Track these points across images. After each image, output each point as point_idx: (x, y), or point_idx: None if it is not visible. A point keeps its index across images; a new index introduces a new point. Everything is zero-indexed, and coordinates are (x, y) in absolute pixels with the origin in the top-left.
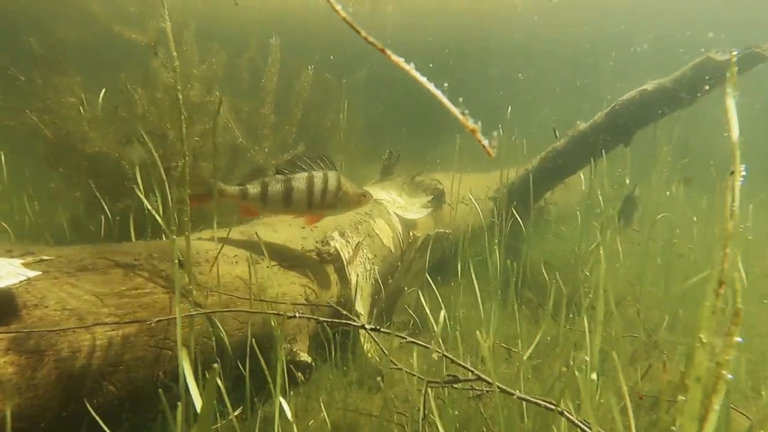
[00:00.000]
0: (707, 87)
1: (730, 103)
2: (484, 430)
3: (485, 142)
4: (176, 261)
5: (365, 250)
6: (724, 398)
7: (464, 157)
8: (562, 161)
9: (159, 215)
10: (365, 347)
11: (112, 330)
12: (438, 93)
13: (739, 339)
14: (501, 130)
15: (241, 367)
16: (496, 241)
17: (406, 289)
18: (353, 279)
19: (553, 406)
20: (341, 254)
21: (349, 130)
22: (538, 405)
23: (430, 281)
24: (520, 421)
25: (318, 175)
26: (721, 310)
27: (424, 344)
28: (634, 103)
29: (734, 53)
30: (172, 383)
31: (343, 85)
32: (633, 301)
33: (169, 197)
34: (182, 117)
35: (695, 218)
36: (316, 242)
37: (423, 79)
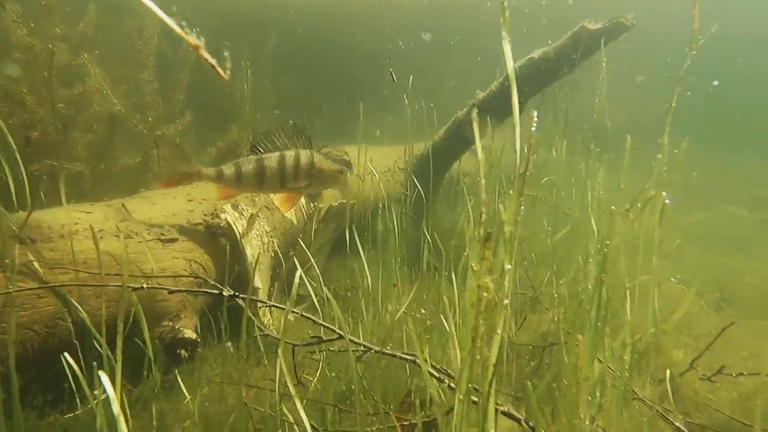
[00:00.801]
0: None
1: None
2: (351, 386)
3: (213, 62)
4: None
5: (262, 223)
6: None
7: (388, 133)
8: (464, 131)
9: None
10: (264, 321)
11: None
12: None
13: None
14: (406, 99)
15: (108, 348)
16: (403, 211)
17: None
18: (248, 253)
19: (410, 357)
20: (234, 227)
21: (259, 102)
22: (395, 356)
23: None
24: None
25: (291, 154)
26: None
27: (312, 318)
28: (522, 70)
29: (605, 23)
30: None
31: (244, 52)
32: (522, 260)
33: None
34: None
35: (573, 180)
36: (205, 215)
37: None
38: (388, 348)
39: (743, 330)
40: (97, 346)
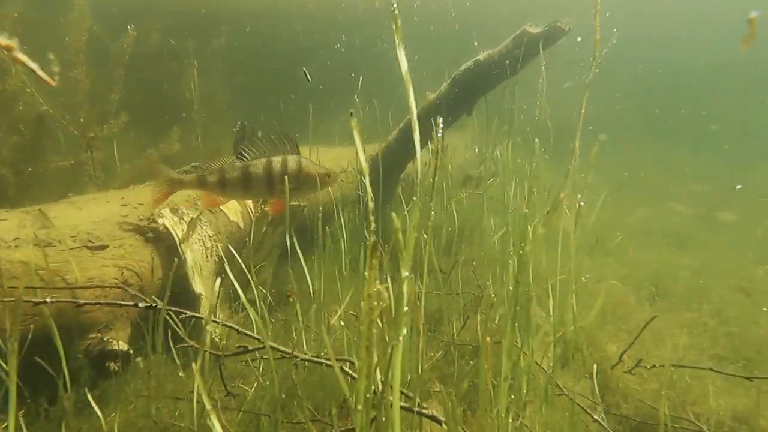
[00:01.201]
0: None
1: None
2: (290, 393)
3: (34, 66)
4: None
5: (205, 227)
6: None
7: (342, 134)
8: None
9: None
10: (209, 329)
11: None
12: None
13: (406, 274)
14: (356, 99)
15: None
16: (356, 212)
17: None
18: (189, 258)
19: (324, 361)
20: (173, 232)
21: (209, 102)
22: (320, 363)
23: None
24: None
25: (277, 159)
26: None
27: (235, 327)
28: (470, 72)
29: (545, 27)
30: None
31: (190, 51)
32: (469, 260)
33: None
34: None
35: (516, 179)
36: (141, 220)
37: None
38: (323, 353)
39: (671, 322)
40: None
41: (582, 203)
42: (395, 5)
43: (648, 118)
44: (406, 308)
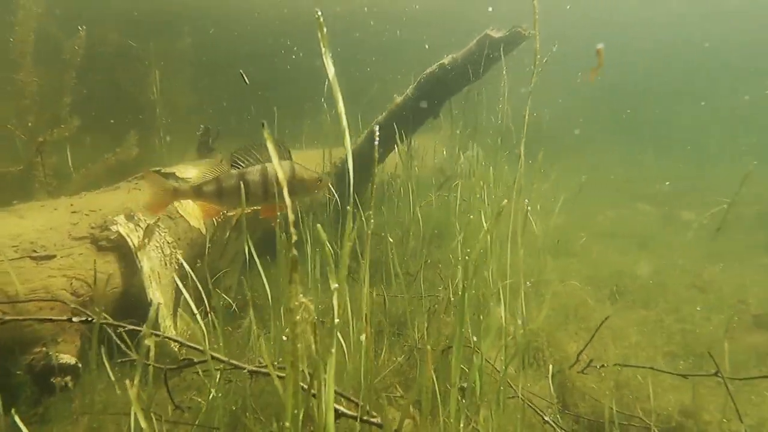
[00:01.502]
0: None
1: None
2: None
3: None
4: None
5: (163, 234)
6: None
7: (329, 136)
8: (384, 134)
9: None
10: (168, 334)
11: None
12: None
13: (335, 285)
14: (324, 103)
15: None
16: (326, 214)
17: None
18: (146, 266)
19: (263, 371)
20: (128, 239)
21: (173, 105)
22: (261, 373)
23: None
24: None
25: (271, 166)
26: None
27: (179, 339)
28: (435, 76)
29: (506, 32)
30: None
31: (151, 53)
32: (436, 263)
33: None
34: None
35: (482, 183)
36: (93, 227)
37: None
38: (278, 362)
39: (630, 321)
40: None
41: (529, 208)
42: (320, 13)
43: (618, 121)
44: (337, 319)
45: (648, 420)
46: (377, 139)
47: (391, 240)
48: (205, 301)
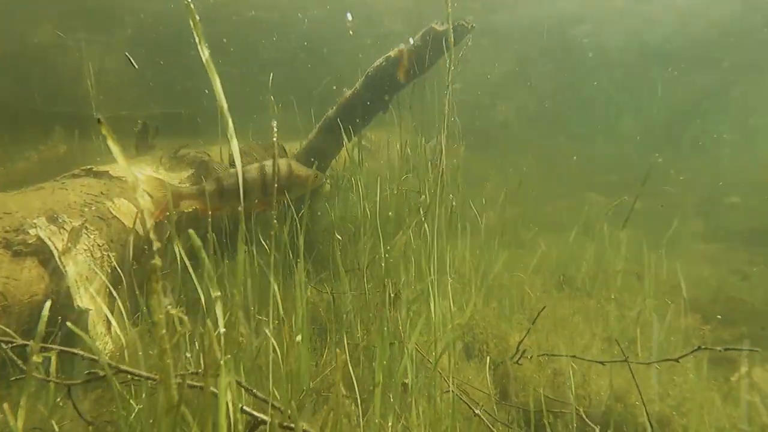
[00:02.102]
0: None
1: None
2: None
3: None
4: None
5: (93, 236)
6: None
7: (281, 130)
8: (335, 129)
9: None
10: (98, 343)
11: None
12: None
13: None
14: (272, 98)
15: None
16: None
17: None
18: (71, 271)
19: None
20: (49, 243)
21: (119, 98)
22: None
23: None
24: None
25: (268, 164)
26: None
27: (73, 350)
28: (382, 69)
29: (449, 25)
30: None
31: (82, 45)
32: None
33: None
34: None
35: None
36: (7, 231)
37: None
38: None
39: (573, 309)
40: None
41: (454, 203)
42: (190, 1)
43: (568, 116)
44: (223, 329)
45: (584, 405)
46: (327, 133)
47: (339, 237)
48: (144, 306)
